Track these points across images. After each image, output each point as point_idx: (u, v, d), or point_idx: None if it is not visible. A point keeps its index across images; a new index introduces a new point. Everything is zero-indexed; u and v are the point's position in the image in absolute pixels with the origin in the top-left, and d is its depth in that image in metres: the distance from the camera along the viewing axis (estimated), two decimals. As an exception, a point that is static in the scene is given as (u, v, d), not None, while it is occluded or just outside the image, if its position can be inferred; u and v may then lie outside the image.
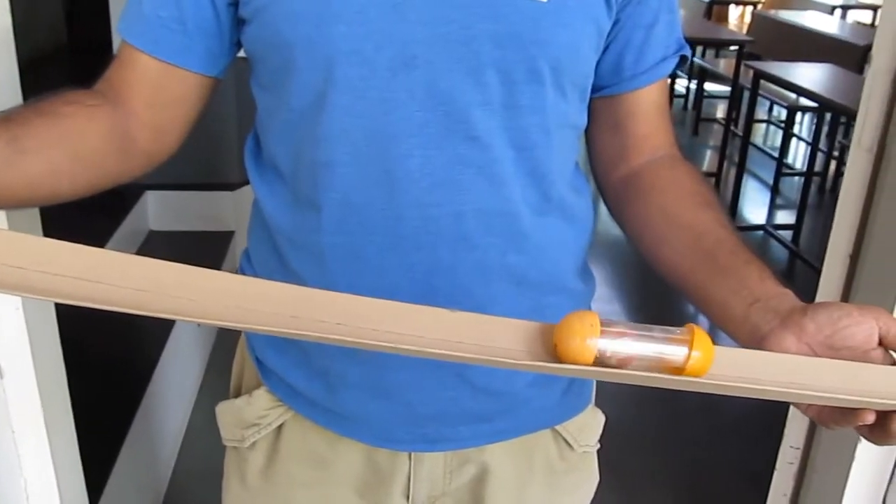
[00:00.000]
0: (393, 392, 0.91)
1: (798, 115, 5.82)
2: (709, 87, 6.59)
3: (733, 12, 8.62)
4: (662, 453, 2.65)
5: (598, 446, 1.06)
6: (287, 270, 0.89)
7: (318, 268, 0.86)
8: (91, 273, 0.60)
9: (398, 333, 0.63)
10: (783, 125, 5.45)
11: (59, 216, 1.00)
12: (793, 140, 5.85)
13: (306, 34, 0.78)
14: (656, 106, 0.93)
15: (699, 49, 7.00)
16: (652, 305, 3.55)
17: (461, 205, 0.83)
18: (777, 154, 5.26)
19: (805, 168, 4.81)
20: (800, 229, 4.30)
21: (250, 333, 1.00)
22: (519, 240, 0.86)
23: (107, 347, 2.11)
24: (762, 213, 4.85)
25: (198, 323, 0.61)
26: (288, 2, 0.78)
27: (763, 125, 6.42)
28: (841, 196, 1.55)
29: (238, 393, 1.02)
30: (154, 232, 3.25)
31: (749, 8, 8.11)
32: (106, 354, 2.16)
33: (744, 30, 7.36)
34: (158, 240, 3.20)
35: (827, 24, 6.21)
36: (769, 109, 6.47)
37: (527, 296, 0.89)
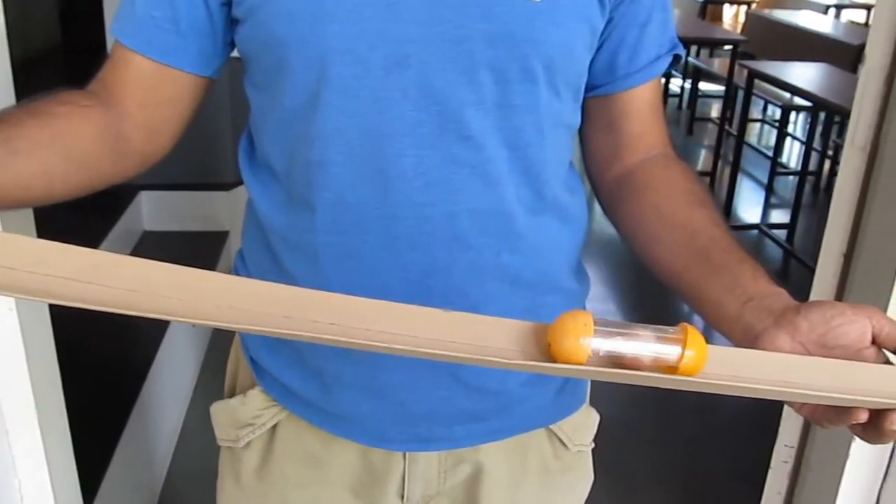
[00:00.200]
0: (387, 392, 0.91)
1: (792, 115, 5.84)
2: (703, 87, 6.60)
3: (727, 12, 8.63)
4: (657, 452, 2.65)
5: (593, 445, 1.06)
6: (281, 270, 0.89)
7: (312, 267, 0.86)
8: (82, 273, 0.59)
9: (391, 333, 0.63)
10: (777, 124, 5.45)
11: (53, 217, 1.00)
12: (787, 139, 5.86)
13: (300, 33, 0.78)
14: (650, 105, 0.93)
15: (693, 49, 7.02)
16: (647, 305, 3.55)
17: (455, 204, 0.83)
18: (771, 153, 5.26)
19: (799, 167, 4.82)
20: (794, 228, 4.31)
21: (244, 333, 1.00)
22: (513, 239, 0.86)
23: (101, 347, 2.11)
24: (757, 213, 4.85)
25: (192, 323, 0.61)
26: (281, 1, 0.77)
27: (757, 124, 6.43)
28: (835, 195, 1.56)
29: (232, 393, 1.02)
30: (148, 232, 3.25)
31: (743, 7, 8.13)
32: (100, 355, 2.16)
33: (738, 29, 7.38)
34: (153, 240, 3.19)
35: (821, 24, 6.23)
36: (763, 109, 6.49)
37: (521, 295, 0.89)
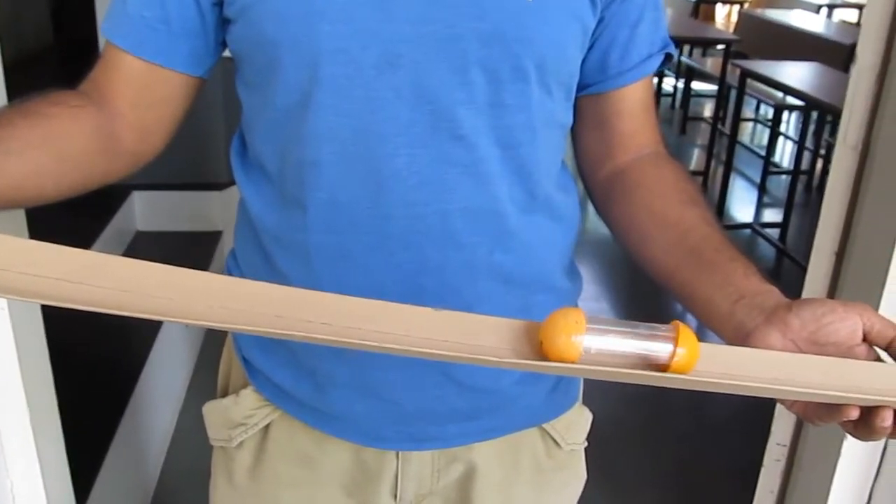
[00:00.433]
0: (380, 391, 0.91)
1: (785, 114, 5.84)
2: (696, 86, 6.61)
3: (720, 11, 8.65)
4: (650, 451, 2.65)
5: (586, 444, 1.06)
6: (273, 270, 0.89)
7: (305, 267, 0.86)
8: (74, 274, 0.59)
9: (383, 333, 0.63)
10: (770, 124, 5.47)
11: (45, 217, 1.00)
12: (780, 138, 5.87)
13: (291, 33, 0.78)
14: (642, 104, 0.93)
15: (686, 48, 7.03)
16: (639, 304, 3.56)
17: (448, 203, 0.83)
18: (764, 153, 5.28)
19: (792, 166, 4.83)
20: (786, 227, 4.32)
21: (237, 333, 1.00)
22: (505, 238, 0.87)
23: (94, 347, 2.10)
24: (749, 212, 4.87)
25: (184, 324, 0.61)
26: (273, 1, 0.77)
27: (750, 124, 6.44)
28: (826, 194, 1.56)
29: (225, 393, 1.02)
30: (141, 232, 3.24)
31: (736, 7, 8.14)
32: (93, 354, 2.16)
33: (730, 29, 7.39)
34: (146, 240, 3.19)
35: (813, 23, 6.24)
36: (756, 108, 6.50)
37: (514, 294, 0.90)
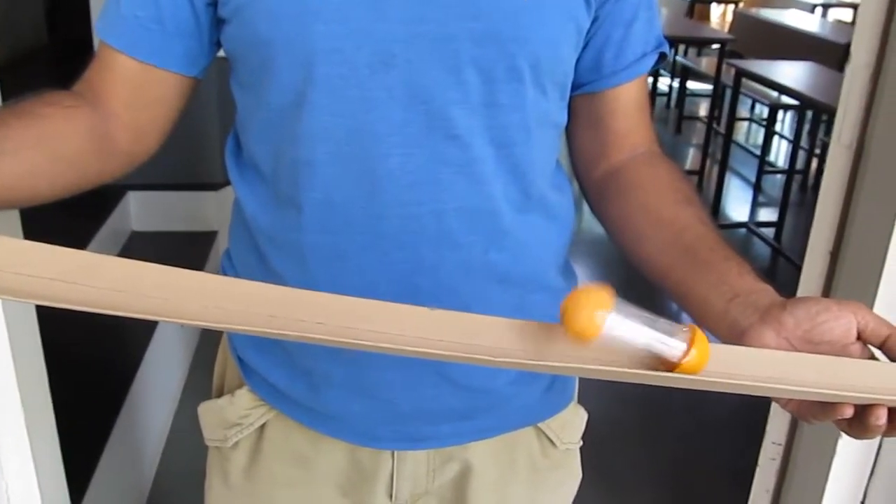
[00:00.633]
0: (375, 391, 0.91)
1: (780, 113, 5.85)
2: (691, 86, 6.62)
3: (715, 11, 8.66)
4: (646, 450, 2.65)
5: (581, 443, 1.07)
6: (268, 270, 0.89)
7: (300, 267, 0.86)
8: (68, 274, 0.59)
9: (378, 332, 0.63)
10: (765, 123, 5.47)
11: (40, 217, 1.00)
12: (775, 138, 5.88)
13: (285, 33, 0.78)
14: (636, 103, 0.94)
15: (681, 47, 7.04)
16: (634, 303, 3.55)
17: (442, 203, 0.83)
18: (759, 152, 5.27)
19: (787, 166, 4.84)
20: (782, 227, 4.33)
21: (232, 333, 1.00)
22: (500, 238, 0.87)
23: (89, 347, 2.10)
24: (745, 211, 4.87)
25: (180, 324, 0.61)
26: (266, 1, 0.77)
27: (745, 123, 6.45)
28: (821, 193, 1.56)
29: (220, 393, 1.02)
30: (136, 233, 3.24)
31: (730, 6, 8.15)
32: (88, 354, 2.15)
33: (725, 28, 7.41)
34: (141, 240, 3.19)
35: (808, 23, 6.26)
36: (751, 107, 6.51)
37: (509, 293, 0.90)
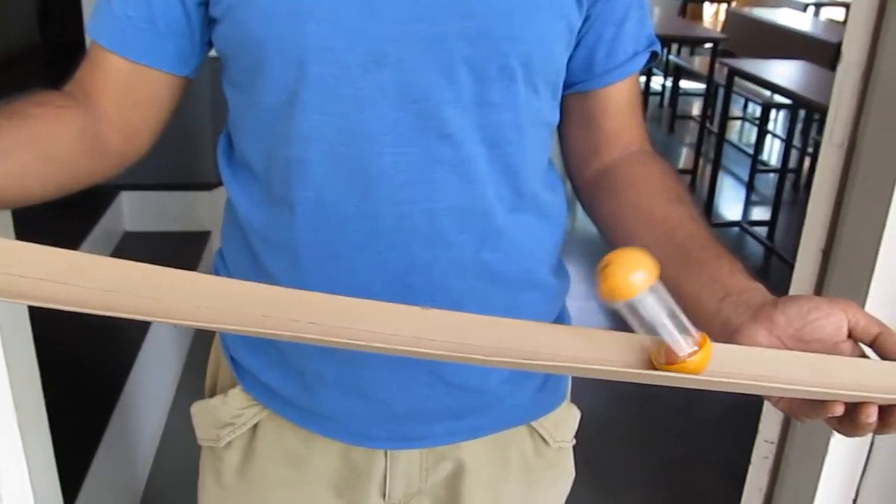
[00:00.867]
0: (368, 391, 0.91)
1: (772, 112, 5.86)
2: (684, 85, 6.63)
3: (708, 10, 8.67)
4: (639, 449, 2.66)
5: (574, 442, 1.07)
6: (261, 270, 0.89)
7: (292, 267, 0.86)
8: (59, 275, 0.59)
9: (371, 332, 0.63)
10: (758, 122, 5.49)
11: (33, 217, 1.00)
12: (767, 137, 5.89)
13: (277, 33, 0.77)
14: (628, 102, 0.94)
15: (674, 47, 7.05)
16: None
17: (435, 202, 0.83)
18: (752, 151, 5.29)
19: (780, 165, 4.85)
20: (774, 225, 4.33)
21: (225, 333, 1.00)
22: (493, 237, 0.87)
23: (82, 347, 2.10)
24: (738, 210, 4.88)
25: (172, 324, 0.60)
26: (258, 0, 0.77)
27: (738, 122, 6.46)
28: (813, 192, 1.57)
29: (213, 392, 1.02)
30: (129, 233, 3.24)
31: (723, 5, 8.16)
32: (81, 354, 2.15)
33: (718, 27, 7.41)
34: (134, 241, 3.18)
35: (800, 22, 6.27)
36: (744, 106, 6.52)
37: (501, 293, 0.90)
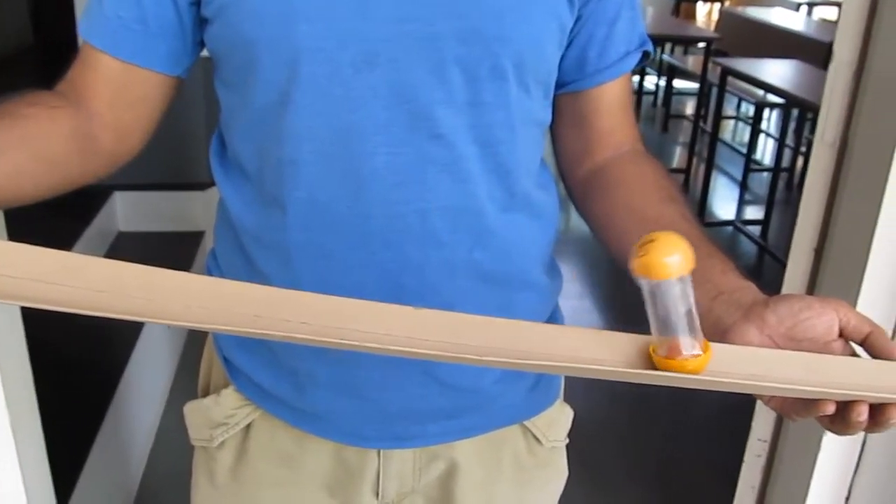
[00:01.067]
0: (361, 390, 0.91)
1: (766, 112, 5.87)
2: (677, 84, 6.64)
3: (701, 9, 8.68)
4: (633, 447, 2.66)
5: (567, 441, 1.07)
6: (253, 270, 0.89)
7: (285, 267, 0.86)
8: (52, 275, 0.59)
9: (364, 332, 0.63)
10: (751, 121, 5.49)
11: (26, 218, 1.00)
12: (761, 136, 5.90)
13: (269, 33, 0.78)
14: (620, 101, 0.94)
15: (667, 46, 7.06)
16: (622, 301, 3.57)
17: (427, 202, 0.83)
18: (745, 150, 5.30)
19: (773, 164, 4.86)
20: (768, 224, 4.34)
21: (217, 333, 1.00)
22: (485, 236, 0.87)
23: (75, 348, 2.09)
24: (731, 209, 4.89)
25: (165, 324, 0.60)
26: (250, 1, 0.77)
27: (731, 121, 6.47)
28: (805, 191, 1.57)
29: (206, 392, 1.02)
30: (123, 233, 3.24)
31: (716, 5, 8.17)
32: (74, 354, 2.15)
33: (711, 27, 7.42)
34: (128, 241, 3.18)
35: (793, 21, 6.28)
36: (737, 106, 6.53)
37: (494, 292, 0.90)
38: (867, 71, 1.40)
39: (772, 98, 4.43)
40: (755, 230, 4.39)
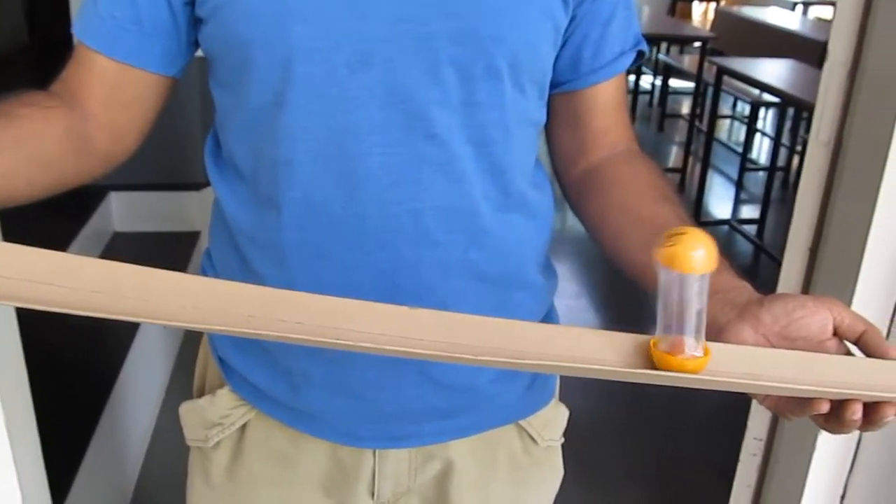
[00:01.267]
0: (356, 390, 0.91)
1: (761, 111, 5.87)
2: (673, 84, 6.64)
3: (697, 9, 8.68)
4: (629, 446, 2.66)
5: (563, 440, 1.07)
6: (248, 270, 0.89)
7: (279, 267, 0.86)
8: (46, 276, 0.59)
9: (358, 332, 0.63)
10: (747, 121, 5.50)
11: (21, 218, 0.99)
12: (756, 135, 5.91)
13: (264, 33, 0.77)
14: (614, 101, 0.94)
15: (664, 46, 7.06)
16: (618, 301, 3.58)
17: (422, 202, 0.83)
18: (741, 149, 5.31)
19: (768, 163, 4.86)
20: (764, 224, 4.35)
21: (212, 333, 1.00)
22: (480, 236, 0.87)
23: (71, 349, 2.09)
24: (727, 208, 4.89)
25: (160, 324, 0.61)
26: (245, 1, 0.77)
27: (727, 121, 6.48)
28: (800, 190, 1.57)
29: (201, 393, 1.02)
30: (119, 233, 3.23)
31: (712, 4, 8.18)
32: (70, 354, 2.15)
33: (707, 26, 7.42)
34: (123, 241, 3.18)
35: (789, 21, 6.29)
36: (733, 105, 6.53)
37: (489, 292, 0.90)
38: (861, 70, 1.41)
39: (768, 97, 4.43)
40: (751, 229, 4.39)
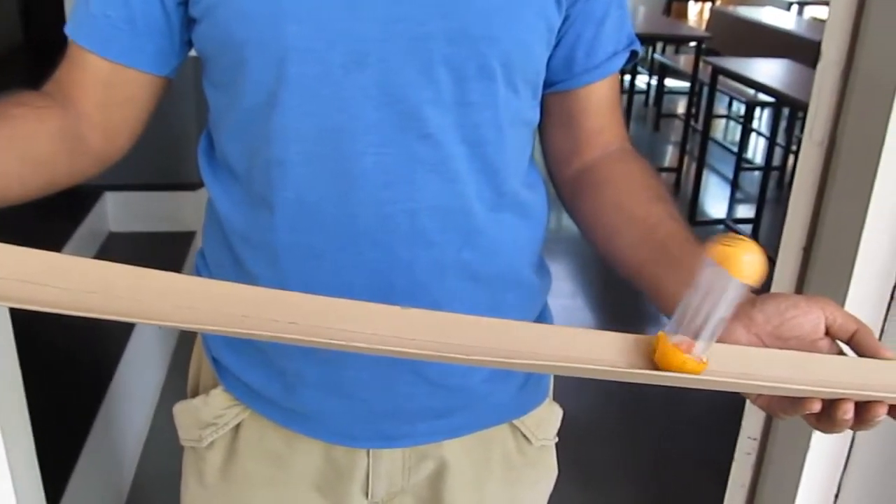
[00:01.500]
0: (350, 390, 0.91)
1: (757, 111, 5.88)
2: (669, 84, 6.65)
3: (692, 8, 8.69)
4: (623, 446, 2.67)
5: (556, 440, 1.07)
6: (242, 270, 0.89)
7: (273, 267, 0.86)
8: (39, 276, 0.59)
9: (352, 331, 0.63)
10: (742, 120, 5.50)
11: (15, 218, 0.99)
12: (752, 135, 5.91)
13: (257, 33, 0.77)
14: (608, 101, 0.94)
15: (659, 45, 7.06)
16: (613, 300, 3.58)
17: (416, 202, 0.83)
18: (736, 149, 5.31)
19: (764, 163, 4.87)
20: (759, 223, 4.35)
21: (206, 333, 1.00)
22: (473, 236, 0.87)
23: (66, 347, 2.09)
24: (722, 208, 4.90)
25: (154, 324, 0.61)
26: (238, 1, 0.77)
27: (723, 120, 6.48)
28: (793, 190, 1.57)
29: (195, 393, 1.02)
30: (114, 233, 3.23)
31: (707, 4, 8.19)
32: (65, 355, 2.14)
33: (703, 26, 7.44)
34: (118, 241, 3.17)
35: (784, 21, 6.30)
36: (728, 105, 6.54)
37: (483, 292, 0.90)
38: (855, 70, 1.41)
39: (763, 97, 4.44)
40: (746, 229, 4.40)
